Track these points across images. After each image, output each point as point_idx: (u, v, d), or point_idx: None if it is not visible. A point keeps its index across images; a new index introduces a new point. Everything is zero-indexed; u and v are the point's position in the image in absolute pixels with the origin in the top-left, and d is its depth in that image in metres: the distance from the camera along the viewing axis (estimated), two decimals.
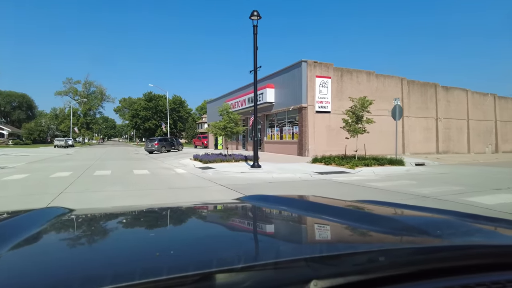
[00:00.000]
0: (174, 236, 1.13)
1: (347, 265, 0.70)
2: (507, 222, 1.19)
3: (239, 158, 16.85)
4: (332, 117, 21.63)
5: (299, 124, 21.10)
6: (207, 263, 0.66)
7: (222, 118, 17.46)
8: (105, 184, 9.92)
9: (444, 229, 1.06)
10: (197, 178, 11.54)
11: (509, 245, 0.92)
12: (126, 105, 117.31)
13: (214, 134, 17.44)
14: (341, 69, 22.24)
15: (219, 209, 1.76)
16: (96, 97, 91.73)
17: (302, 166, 14.27)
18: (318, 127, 21.07)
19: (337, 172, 12.70)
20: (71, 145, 57.32)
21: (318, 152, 20.79)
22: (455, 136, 28.00)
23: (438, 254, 0.78)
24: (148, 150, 32.81)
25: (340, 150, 21.67)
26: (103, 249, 0.95)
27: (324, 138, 21.22)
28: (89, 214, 1.53)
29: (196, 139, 47.33)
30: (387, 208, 1.63)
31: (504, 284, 0.72)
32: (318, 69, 21.21)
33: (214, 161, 16.18)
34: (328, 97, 21.46)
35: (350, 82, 22.48)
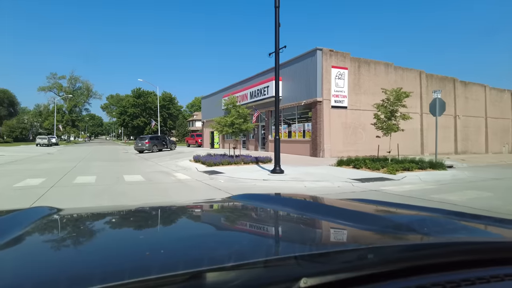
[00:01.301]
0: (164, 235, 1.12)
1: (336, 262, 0.70)
2: (491, 219, 1.27)
3: (249, 160, 14.30)
4: (348, 113, 19.27)
5: (312, 121, 18.66)
6: (197, 262, 0.66)
7: (228, 113, 14.87)
8: (86, 198, 7.29)
9: (431, 226, 1.09)
10: (207, 187, 8.97)
11: (493, 242, 0.95)
12: (113, 102, 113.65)
13: (219, 132, 14.82)
14: (359, 60, 19.87)
15: (209, 208, 1.75)
16: (82, 93, 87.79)
17: (330, 171, 11.82)
18: (334, 124, 18.68)
19: (378, 179, 10.32)
20: (55, 143, 53.95)
21: (333, 152, 18.42)
22: (473, 135, 25.99)
23: (425, 251, 0.79)
24: (138, 149, 30.00)
25: (357, 151, 19.37)
26: (92, 249, 0.93)
27: (340, 137, 18.85)
28: (77, 213, 1.49)
29: (190, 138, 44.57)
30: (375, 206, 1.67)
31: (488, 280, 0.72)
32: (334, 59, 18.79)
33: (220, 163, 13.61)
34: (345, 91, 19.08)
35: (368, 74, 20.14)
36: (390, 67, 21.05)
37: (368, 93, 20.01)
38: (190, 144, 43.37)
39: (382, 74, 20.67)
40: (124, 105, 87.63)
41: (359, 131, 19.61)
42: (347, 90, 19.14)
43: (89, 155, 25.90)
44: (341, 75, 18.93)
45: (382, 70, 20.70)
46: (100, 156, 24.42)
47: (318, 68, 18.26)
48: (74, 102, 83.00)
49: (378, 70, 20.57)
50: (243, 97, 25.98)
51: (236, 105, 14.85)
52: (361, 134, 19.65)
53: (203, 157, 15.20)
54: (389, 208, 1.60)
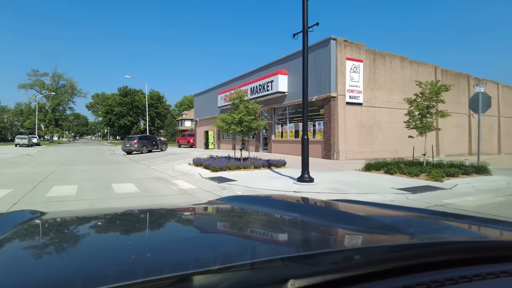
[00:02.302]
0: (151, 238, 1.10)
1: (324, 263, 0.70)
2: (475, 219, 1.31)
3: (260, 164, 12.26)
4: (363, 110, 17.43)
5: (325, 119, 16.73)
6: (183, 265, 0.65)
7: (235, 109, 12.79)
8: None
9: (416, 227, 1.11)
10: None
11: (476, 241, 0.97)
12: (99, 101, 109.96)
13: (224, 131, 12.73)
14: (374, 52, 18.05)
15: (197, 210, 1.72)
16: (66, 91, 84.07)
17: (362, 178, 9.89)
18: (349, 122, 16.81)
19: (426, 188, 8.46)
20: (37, 143, 50.78)
21: (348, 154, 16.55)
22: (485, 135, 24.54)
23: (410, 251, 0.79)
24: (126, 150, 27.58)
25: (372, 152, 17.54)
26: (75, 253, 0.91)
27: (355, 137, 16.99)
28: (61, 217, 1.45)
29: (181, 138, 42.17)
30: (362, 207, 1.66)
31: (471, 278, 0.73)
32: (349, 50, 16.92)
33: (227, 168, 11.54)
34: (360, 86, 17.23)
35: (383, 68, 18.35)
36: (405, 61, 19.32)
37: (384, 88, 18.24)
38: (181, 145, 41.00)
39: (397, 68, 18.91)
40: (110, 104, 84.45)
41: (374, 130, 17.80)
42: (362, 85, 17.30)
43: (72, 157, 23.39)
44: (356, 68, 17.08)
45: (397, 64, 18.94)
46: (84, 158, 21.98)
47: (332, 60, 16.35)
48: (57, 101, 79.23)
49: (393, 64, 18.79)
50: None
51: (244, 100, 12.79)
52: (377, 133, 17.85)
53: (205, 160, 13.08)
54: (374, 209, 1.62)
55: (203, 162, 12.76)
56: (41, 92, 76.14)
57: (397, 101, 18.77)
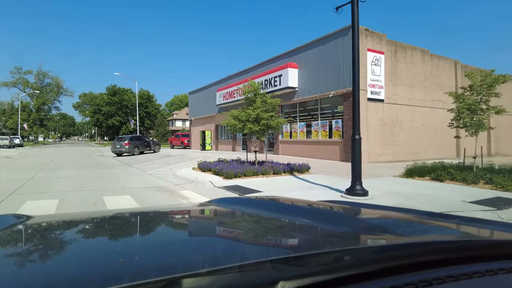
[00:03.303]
0: (139, 242, 1.09)
1: (313, 265, 0.69)
2: (462, 218, 1.35)
3: (280, 169, 10.34)
4: (385, 107, 15.69)
5: (344, 117, 14.90)
6: (172, 268, 0.65)
7: (250, 105, 10.85)
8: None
9: (404, 227, 1.14)
10: None
11: (462, 241, 0.98)
12: (86, 100, 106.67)
13: (237, 130, 10.75)
14: (395, 43, 16.33)
15: (186, 213, 1.69)
16: (52, 90, 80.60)
17: (414, 187, 8.08)
18: (371, 121, 15.04)
19: (505, 201, 6.68)
20: (19, 144, 47.99)
21: (371, 156, 14.77)
22: (503, 135, 23.11)
23: (399, 251, 0.79)
24: (116, 152, 25.36)
25: (394, 154, 15.80)
26: (61, 258, 0.90)
27: (377, 137, 15.22)
28: (48, 221, 1.40)
29: (174, 138, 39.88)
30: (352, 209, 1.67)
31: (457, 277, 0.73)
32: (370, 40, 15.16)
33: (242, 174, 9.62)
34: (381, 80, 15.48)
35: (405, 62, 16.65)
36: (426, 55, 17.67)
37: (405, 84, 16.55)
38: (174, 146, 38.75)
39: (418, 62, 17.25)
40: (98, 103, 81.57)
41: (396, 130, 16.08)
42: (383, 80, 15.56)
43: (56, 159, 21.07)
44: (378, 60, 15.32)
45: (418, 57, 17.27)
46: (70, 161, 19.70)
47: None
48: (42, 100, 75.80)
49: (414, 57, 17.12)
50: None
51: (260, 93, 10.86)
52: (399, 133, 16.14)
53: (214, 164, 11.10)
54: (364, 210, 1.61)
55: (211, 166, 10.78)
56: (25, 90, 72.66)
57: (419, 98, 17.14)
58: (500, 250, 0.90)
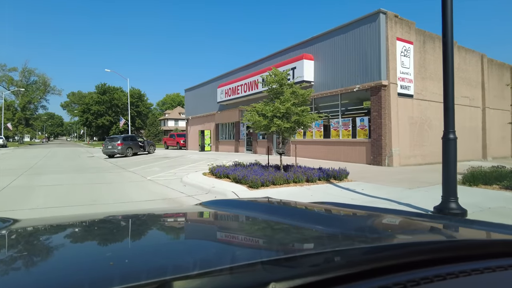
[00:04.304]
0: (130, 244, 1.07)
1: (304, 266, 0.70)
2: (450, 219, 1.40)
3: (315, 176, 8.49)
4: (414, 104, 14.01)
5: (372, 114, 13.15)
6: (163, 271, 0.65)
7: (273, 99, 9.01)
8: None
9: (394, 228, 1.18)
10: None
11: (450, 240, 1.01)
12: (75, 99, 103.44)
13: (262, 129, 8.84)
14: (423, 33, 14.68)
15: (177, 216, 1.69)
16: (38, 88, 77.41)
17: (498, 200, 6.35)
18: (401, 118, 13.34)
19: None
20: (2, 145, 45.38)
21: (402, 159, 13.06)
22: None
23: (388, 252, 0.80)
24: (107, 153, 23.27)
25: (424, 156, 14.10)
26: (50, 262, 0.88)
27: (407, 137, 13.53)
28: (35, 225, 1.37)
29: (169, 138, 37.69)
30: (342, 209, 1.69)
31: (444, 277, 0.74)
32: (399, 28, 13.46)
33: (270, 182, 7.79)
34: (411, 73, 13.80)
35: (433, 54, 15.00)
36: (454, 47, 16.05)
37: (434, 78, 14.89)
38: (168, 146, 36.61)
39: None
40: (88, 102, 78.71)
41: (425, 129, 14.42)
42: (413, 73, 13.88)
43: (41, 162, 18.89)
44: (407, 51, 13.64)
45: None
46: (57, 163, 17.55)
47: (382, 39, 12.82)
48: (28, 98, 72.60)
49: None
50: (250, 85, 20.08)
51: (287, 83, 9.01)
52: (427, 133, 14.48)
53: (230, 169, 9.21)
54: (353, 211, 1.64)
55: (228, 172, 8.89)
56: (9, 88, 69.41)
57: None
58: (486, 250, 0.91)
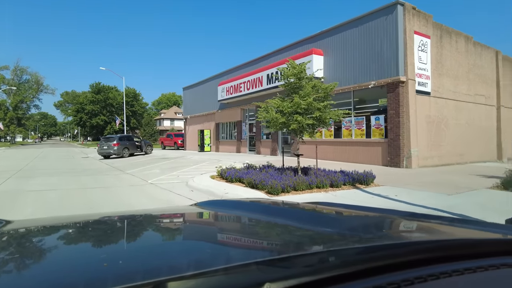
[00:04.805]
0: (124, 245, 1.06)
1: (299, 266, 0.69)
2: (443, 218, 1.36)
3: (340, 181, 7.59)
4: (431, 102, 13.21)
5: (389, 112, 12.31)
6: (157, 272, 0.64)
7: (290, 94, 8.12)
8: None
9: (388, 228, 1.18)
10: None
11: (443, 240, 0.99)
12: (69, 99, 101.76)
13: (279, 126, 7.95)
14: (440, 27, 13.89)
15: (173, 216, 1.67)
16: (31, 87, 75.70)
17: None
18: (419, 117, 12.54)
19: None
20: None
21: (420, 160, 12.26)
22: None
23: (383, 252, 0.80)
24: (103, 154, 22.26)
25: (441, 157, 13.31)
26: (43, 263, 0.87)
27: (424, 137, 12.72)
28: (28, 226, 1.34)
29: (166, 138, 36.66)
30: (337, 209, 1.69)
31: (438, 276, 0.74)
32: (417, 21, 12.65)
33: (292, 188, 6.92)
34: (428, 69, 13.00)
35: (450, 49, 14.23)
36: (469, 42, 15.32)
37: (450, 75, 14.13)
38: (165, 146, 35.58)
39: (462, 50, 14.87)
40: (82, 102, 77.27)
41: (442, 128, 13.63)
42: (430, 69, 13.08)
43: (32, 163, 17.83)
44: (424, 46, 12.83)
45: (462, 44, 14.90)
46: (49, 165, 16.50)
47: (400, 33, 11.99)
48: (20, 97, 70.87)
49: (459, 44, 14.73)
50: (253, 83, 19.17)
51: (307, 76, 8.12)
52: (444, 132, 13.70)
53: (243, 172, 8.30)
54: (348, 211, 1.63)
55: (241, 175, 7.99)
56: (0, 87, 67.71)
57: (463, 92, 14.76)
58: (479, 249, 0.91)
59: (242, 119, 22.01)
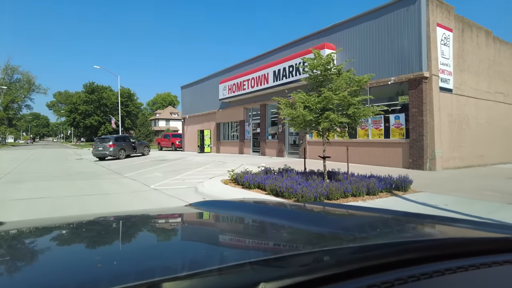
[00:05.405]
0: (118, 246, 1.04)
1: (293, 266, 0.69)
2: (434, 218, 1.35)
3: (377, 188, 6.62)
4: (453, 100, 12.35)
5: (411, 110, 11.41)
6: (151, 272, 0.64)
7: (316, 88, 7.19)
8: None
9: (382, 228, 1.16)
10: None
11: (436, 239, 1.00)
12: (62, 99, 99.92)
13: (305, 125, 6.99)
14: (462, 20, 13.05)
15: (166, 216, 1.64)
16: (22, 87, 73.97)
17: None
18: (442, 116, 11.67)
19: None
20: None
21: (443, 161, 11.40)
22: None
23: (377, 251, 0.80)
24: (98, 155, 21.19)
25: (462, 158, 12.46)
26: (35, 266, 0.85)
27: (446, 137, 11.86)
28: (20, 227, 1.32)
29: (163, 139, 35.49)
30: (331, 209, 1.69)
31: (431, 275, 0.74)
32: (439, 13, 11.79)
33: (325, 197, 5.94)
34: (450, 65, 12.15)
35: (471, 44, 13.40)
36: (489, 37, 14.51)
37: (471, 71, 13.31)
38: (162, 147, 34.44)
39: (482, 45, 14.06)
40: (75, 102, 75.76)
41: (463, 128, 12.79)
42: (452, 64, 12.23)
43: (22, 165, 16.68)
44: (446, 39, 11.98)
45: (482, 39, 14.09)
46: (40, 168, 15.37)
47: (423, 25, 11.11)
48: (11, 97, 69.08)
49: (479, 39, 13.91)
50: (259, 80, 18.19)
51: (336, 67, 7.18)
52: (465, 132, 12.86)
53: (262, 177, 7.33)
54: (342, 210, 1.63)
55: (261, 181, 7.03)
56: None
57: (483, 89, 13.94)
58: (471, 247, 0.91)
59: (245, 119, 21.03)
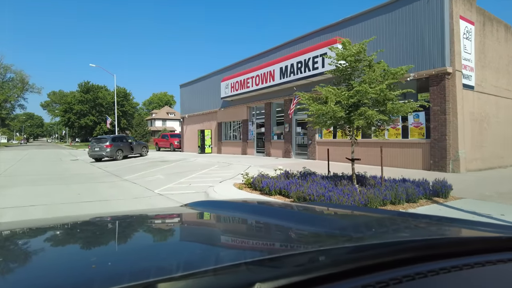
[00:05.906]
0: (113, 247, 1.04)
1: (289, 266, 0.69)
2: (429, 217, 1.36)
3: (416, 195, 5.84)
4: (475, 97, 11.64)
5: (433, 109, 10.66)
6: (146, 273, 0.63)
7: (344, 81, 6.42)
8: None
9: (377, 227, 1.17)
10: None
11: (431, 239, 0.97)
12: (56, 99, 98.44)
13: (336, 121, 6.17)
14: (483, 12, 12.36)
15: (163, 217, 1.63)
16: (15, 86, 72.38)
17: None
18: (465, 115, 10.95)
19: None
20: None
21: (467, 163, 10.67)
22: None
23: (372, 251, 0.80)
24: (94, 156, 20.31)
25: (483, 159, 11.74)
26: (28, 267, 0.83)
27: (468, 137, 11.14)
28: (14, 228, 1.29)
29: (161, 139, 34.52)
30: (328, 209, 1.70)
31: (425, 274, 0.74)
32: (461, 5, 11.07)
33: (363, 205, 5.14)
34: (472, 60, 11.43)
35: (491, 38, 12.71)
36: (508, 32, 13.83)
37: (492, 67, 12.61)
38: (160, 148, 33.49)
39: (502, 40, 13.38)
40: (70, 102, 74.47)
41: (484, 127, 12.08)
42: (473, 60, 11.51)
43: (13, 167, 15.74)
44: (469, 33, 11.26)
45: (502, 34, 13.41)
46: (33, 170, 14.44)
47: (446, 17, 10.38)
48: (4, 96, 67.54)
49: (500, 33, 13.23)
50: (264, 77, 17.38)
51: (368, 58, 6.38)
52: (486, 131, 12.16)
53: (282, 182, 6.52)
54: (338, 211, 1.64)
55: (283, 186, 6.22)
56: None
57: (503, 86, 13.25)
58: (466, 247, 0.91)
59: (249, 118, 20.21)
